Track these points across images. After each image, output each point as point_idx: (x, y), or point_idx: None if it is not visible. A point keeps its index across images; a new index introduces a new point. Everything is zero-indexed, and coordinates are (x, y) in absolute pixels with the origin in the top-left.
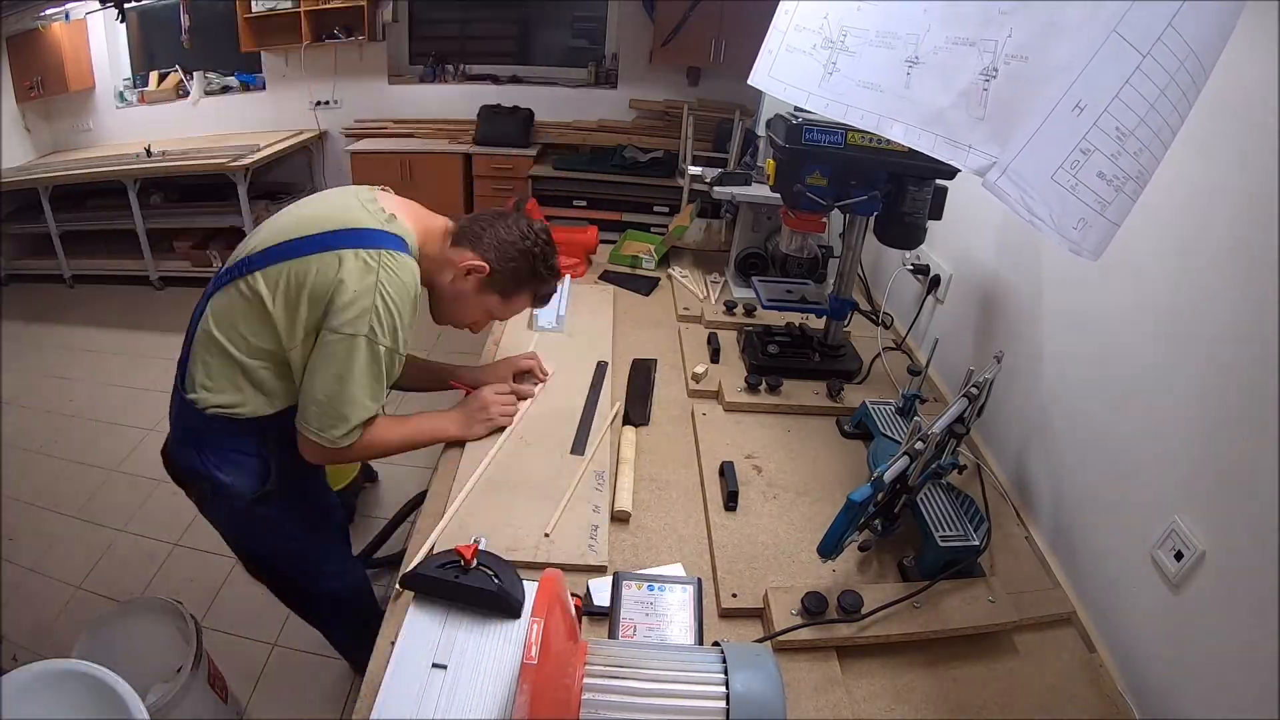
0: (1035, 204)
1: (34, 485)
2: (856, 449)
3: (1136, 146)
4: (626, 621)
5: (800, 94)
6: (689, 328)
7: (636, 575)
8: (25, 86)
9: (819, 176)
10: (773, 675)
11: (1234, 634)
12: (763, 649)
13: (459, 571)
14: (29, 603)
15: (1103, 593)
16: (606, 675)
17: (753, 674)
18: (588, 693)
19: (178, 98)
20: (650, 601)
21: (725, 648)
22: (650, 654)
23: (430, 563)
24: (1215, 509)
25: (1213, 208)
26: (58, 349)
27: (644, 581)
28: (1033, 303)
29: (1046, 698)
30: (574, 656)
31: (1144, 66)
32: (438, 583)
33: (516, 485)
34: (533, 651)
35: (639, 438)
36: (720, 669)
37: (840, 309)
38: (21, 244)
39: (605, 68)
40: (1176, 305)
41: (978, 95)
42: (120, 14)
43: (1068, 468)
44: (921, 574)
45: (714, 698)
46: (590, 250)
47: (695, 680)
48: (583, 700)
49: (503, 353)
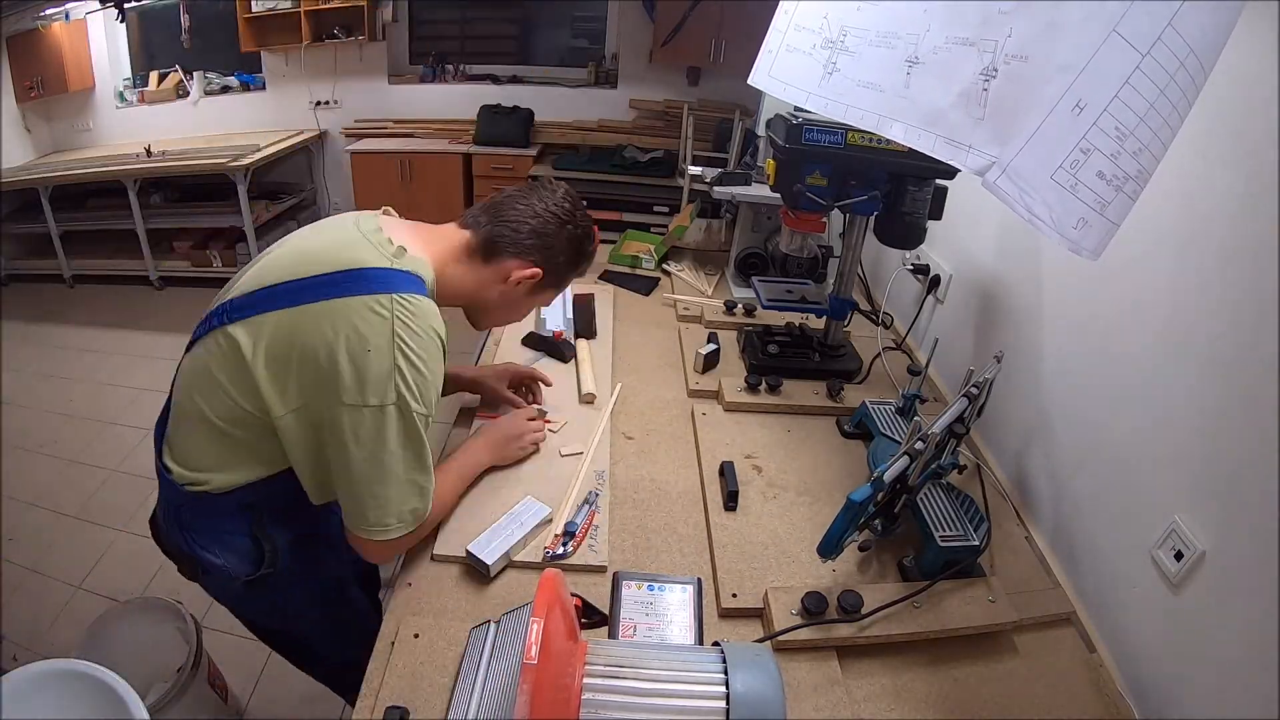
0: (1035, 204)
1: (34, 485)
2: (856, 449)
3: (1136, 146)
4: (626, 621)
5: (800, 94)
6: (689, 328)
7: (637, 575)
8: (25, 86)
9: (819, 176)
10: (773, 675)
11: (1234, 634)
12: (762, 649)
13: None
14: (29, 603)
15: (1103, 593)
16: (607, 675)
17: (753, 674)
18: (588, 692)
19: (178, 98)
20: (650, 601)
21: (725, 648)
22: (650, 654)
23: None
24: (1215, 509)
25: (1212, 207)
26: (58, 349)
27: (644, 581)
28: (1033, 303)
29: (1046, 698)
30: (574, 656)
31: (1144, 66)
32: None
33: (515, 486)
34: (533, 651)
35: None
36: (720, 669)
37: (840, 308)
38: (21, 244)
39: (605, 68)
40: (1176, 305)
41: (978, 95)
42: (120, 14)
43: (1068, 468)
44: (921, 574)
45: (714, 698)
46: None
47: (695, 680)
48: (583, 700)
49: (503, 354)
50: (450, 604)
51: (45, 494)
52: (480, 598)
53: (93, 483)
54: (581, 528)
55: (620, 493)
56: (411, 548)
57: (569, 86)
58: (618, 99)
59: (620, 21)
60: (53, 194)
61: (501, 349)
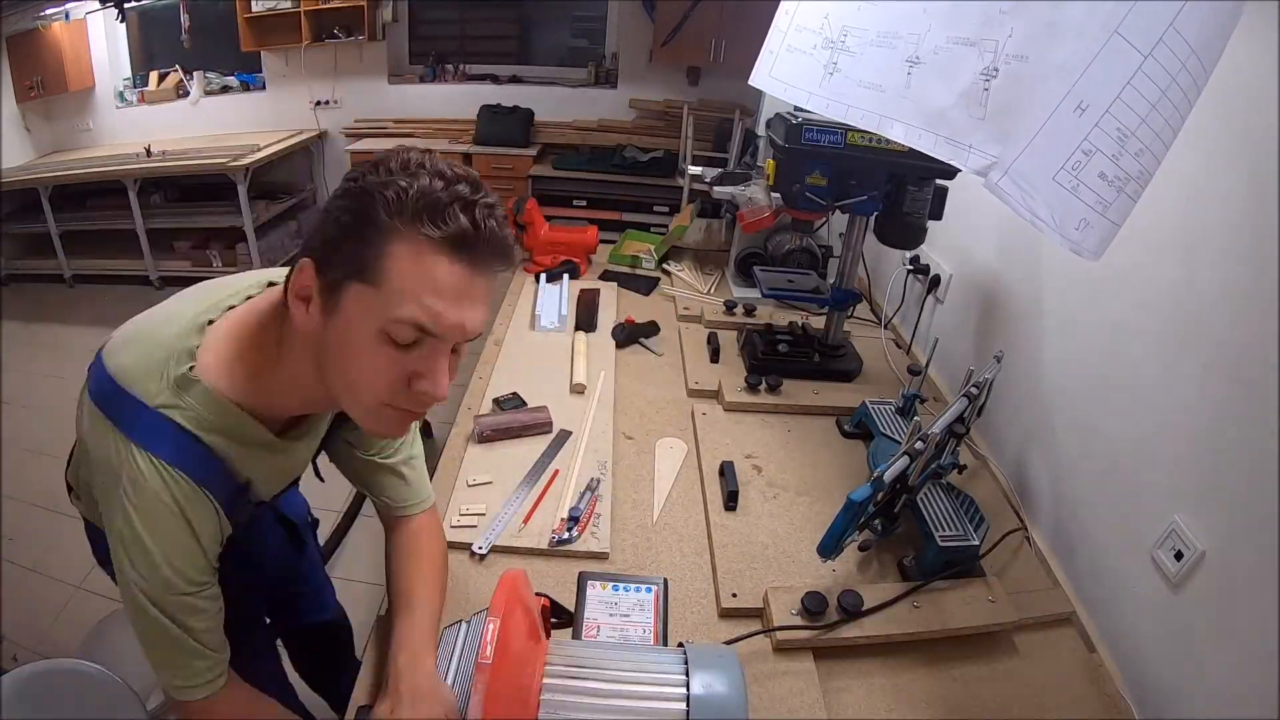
0: (1036, 204)
1: (34, 485)
2: (856, 449)
3: (1138, 147)
4: (590, 621)
5: (800, 94)
6: (689, 328)
7: (601, 575)
8: (25, 86)
9: (819, 176)
10: (735, 676)
11: (1234, 634)
12: (727, 650)
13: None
14: (29, 603)
15: (1103, 593)
16: (566, 675)
17: (714, 675)
18: (546, 693)
19: (178, 98)
20: (614, 601)
21: (688, 648)
22: (612, 654)
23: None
24: (1215, 509)
25: (1213, 207)
26: (58, 349)
27: (609, 581)
28: (1033, 303)
29: (1046, 698)
30: (534, 656)
31: (1145, 67)
32: None
33: (517, 476)
34: (488, 651)
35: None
36: (682, 669)
37: (843, 299)
38: (21, 244)
39: (605, 68)
40: (1177, 305)
41: (978, 95)
42: (120, 14)
43: (1068, 468)
44: (922, 574)
45: (674, 699)
46: (590, 250)
47: (656, 681)
48: (541, 700)
49: (505, 352)
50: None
51: (45, 494)
52: (469, 595)
53: None
54: (585, 513)
55: (621, 492)
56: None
57: (569, 86)
58: (618, 99)
59: (620, 21)
60: (53, 194)
61: (505, 348)
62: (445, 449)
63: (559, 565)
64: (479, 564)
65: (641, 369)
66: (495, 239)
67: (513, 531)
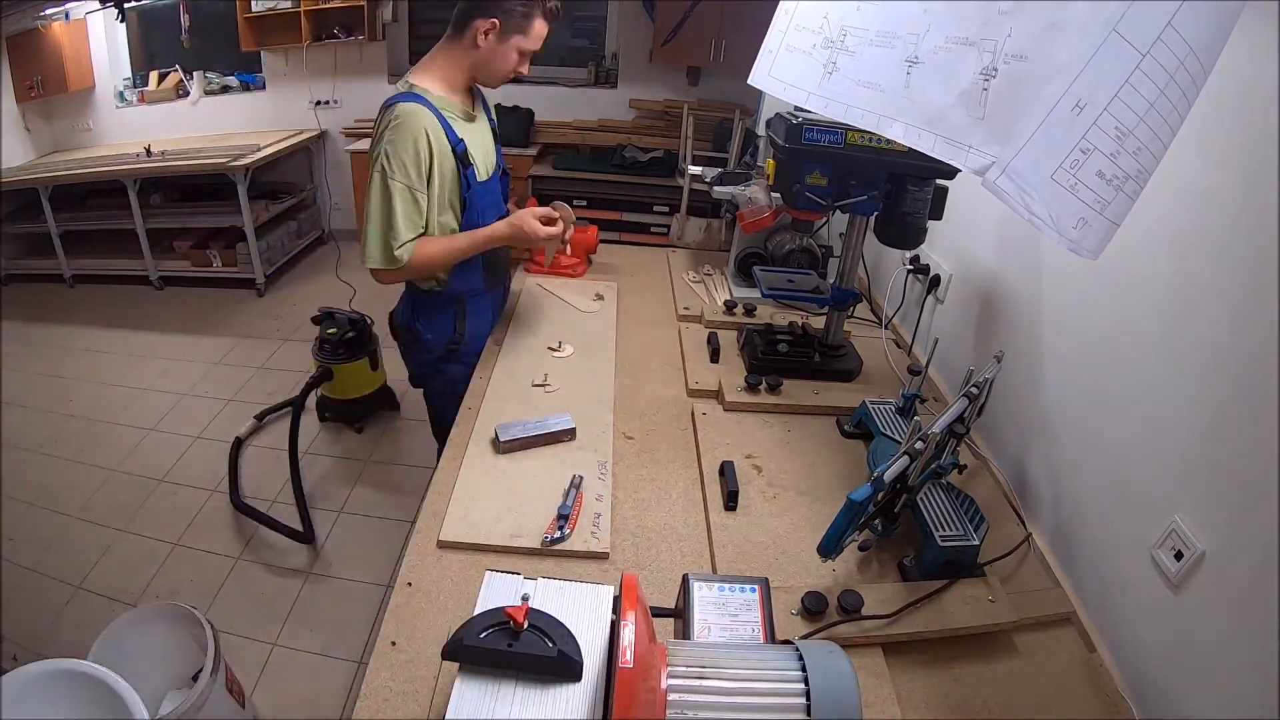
0: (1035, 203)
1: (34, 485)
2: (856, 449)
3: (1136, 146)
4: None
5: (800, 93)
6: (689, 327)
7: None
8: (25, 86)
9: (819, 176)
10: (848, 671)
11: (1234, 634)
12: (835, 646)
13: (510, 638)
14: (29, 603)
15: (1103, 593)
16: (689, 675)
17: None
18: (673, 694)
19: (178, 97)
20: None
21: (800, 646)
22: (728, 653)
23: (474, 628)
24: (1215, 509)
25: (1212, 206)
26: (58, 349)
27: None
28: (1033, 302)
29: (1046, 698)
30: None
31: (1144, 66)
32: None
33: (518, 475)
34: (628, 655)
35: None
36: (797, 666)
37: (843, 299)
38: (21, 244)
39: (605, 67)
40: (1176, 305)
41: (977, 95)
42: (120, 14)
43: (1067, 468)
44: (921, 574)
45: (794, 694)
46: (591, 250)
47: (774, 678)
48: (668, 701)
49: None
50: (447, 599)
51: (45, 494)
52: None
53: (93, 483)
54: (574, 510)
55: (621, 492)
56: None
57: (569, 86)
58: (618, 99)
59: (620, 21)
60: (53, 194)
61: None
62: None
63: (560, 565)
64: (478, 565)
65: (642, 368)
66: (559, 13)
67: (507, 533)
